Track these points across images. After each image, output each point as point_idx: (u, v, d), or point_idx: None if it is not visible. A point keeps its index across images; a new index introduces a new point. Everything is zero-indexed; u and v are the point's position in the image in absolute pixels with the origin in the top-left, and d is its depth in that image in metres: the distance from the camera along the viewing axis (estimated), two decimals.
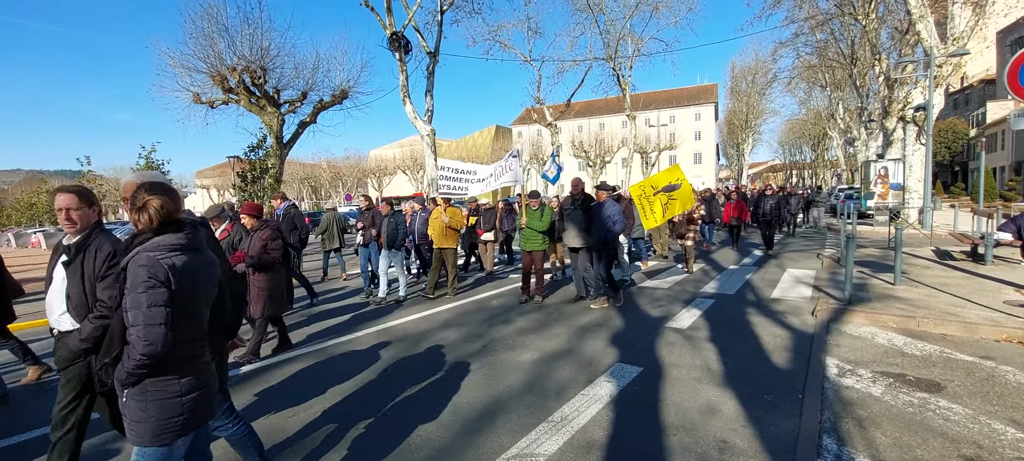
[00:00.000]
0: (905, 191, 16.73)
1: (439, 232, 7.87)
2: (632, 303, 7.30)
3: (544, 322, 6.30)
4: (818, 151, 64.68)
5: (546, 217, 7.28)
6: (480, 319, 6.66)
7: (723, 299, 7.34)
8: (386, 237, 7.69)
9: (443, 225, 7.77)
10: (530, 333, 5.85)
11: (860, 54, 27.03)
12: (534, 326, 6.19)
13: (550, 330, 5.97)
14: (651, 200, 7.36)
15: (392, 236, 7.80)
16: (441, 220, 7.75)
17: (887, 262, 9.65)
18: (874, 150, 32.22)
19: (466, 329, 6.17)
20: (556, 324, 6.30)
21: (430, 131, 17.13)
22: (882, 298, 6.72)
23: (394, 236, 7.78)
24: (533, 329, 6.01)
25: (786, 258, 11.32)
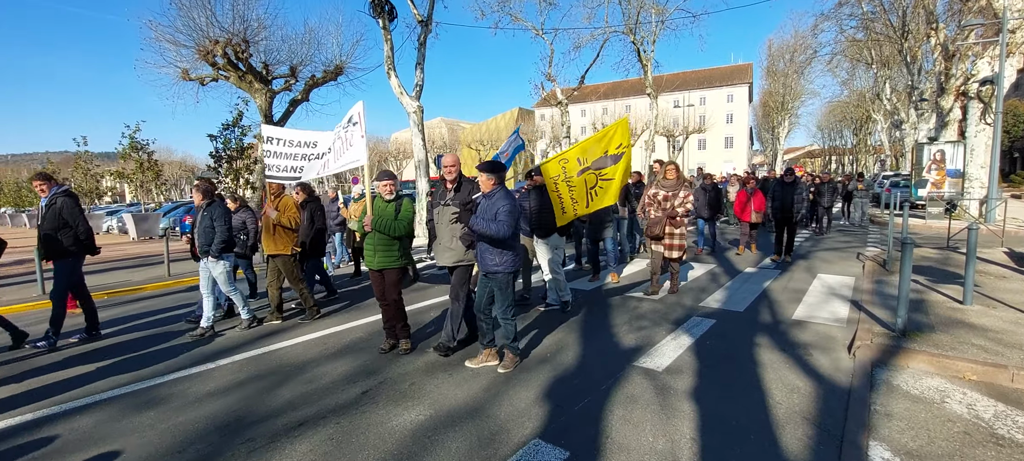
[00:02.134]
0: (965, 178, 14.30)
1: (267, 232, 5.91)
2: (602, 321, 5.59)
3: (466, 355, 4.65)
4: (860, 136, 60.40)
5: (404, 215, 4.53)
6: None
7: (727, 319, 5.55)
8: (198, 240, 5.47)
9: (270, 222, 5.84)
10: (437, 373, 4.21)
11: (912, 26, 24.16)
12: (448, 363, 4.56)
13: (464, 372, 4.30)
14: (572, 182, 5.21)
15: (204, 238, 5.41)
16: (268, 215, 5.81)
17: (949, 268, 7.62)
18: (924, 133, 29.08)
19: (358, 362, 4.58)
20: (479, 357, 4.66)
21: (417, 108, 15.54)
22: (950, 326, 4.83)
23: (207, 239, 5.38)
24: (444, 367, 4.38)
25: (818, 259, 9.33)
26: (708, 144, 63.18)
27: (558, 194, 5.18)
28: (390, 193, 4.55)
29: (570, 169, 5.12)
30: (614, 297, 6.67)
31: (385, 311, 4.74)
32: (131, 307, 7.34)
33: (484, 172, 4.05)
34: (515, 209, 3.97)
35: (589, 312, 5.97)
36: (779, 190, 8.89)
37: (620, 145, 5.10)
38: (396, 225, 4.49)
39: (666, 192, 6.29)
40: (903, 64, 27.21)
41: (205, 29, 16.91)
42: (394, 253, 4.58)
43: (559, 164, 5.21)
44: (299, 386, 4.05)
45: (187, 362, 4.76)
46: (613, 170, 5.14)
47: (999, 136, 12.91)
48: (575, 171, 5.10)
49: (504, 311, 4.15)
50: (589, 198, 5.24)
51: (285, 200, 5.90)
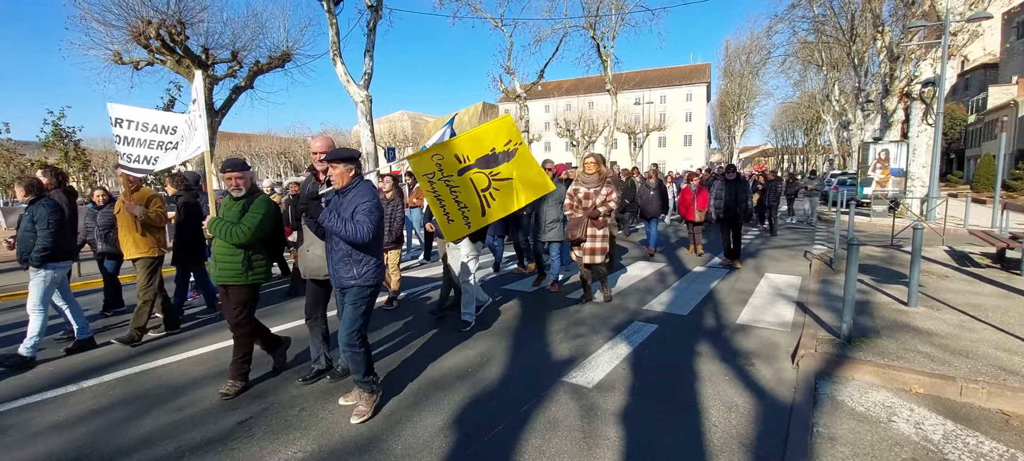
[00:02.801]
0: (907, 178, 14.67)
1: (126, 231, 4.99)
2: (538, 329, 5.14)
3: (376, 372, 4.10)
4: (811, 136, 62.68)
5: (251, 217, 3.55)
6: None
7: (669, 324, 5.19)
8: (17, 247, 4.41)
9: (130, 221, 4.94)
10: (334, 397, 3.63)
11: (860, 29, 24.93)
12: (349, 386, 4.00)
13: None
14: (453, 183, 4.07)
15: (22, 246, 4.34)
16: (130, 211, 4.89)
17: (893, 267, 7.56)
18: (870, 133, 30.17)
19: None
20: (390, 373, 4.12)
21: (366, 97, 14.73)
22: (895, 330, 4.60)
23: (25, 246, 4.31)
24: (345, 390, 3.81)
25: (766, 257, 9.19)
26: (668, 142, 64.15)
27: (438, 196, 4.10)
28: (237, 188, 3.62)
29: (448, 167, 4.08)
30: (555, 300, 6.24)
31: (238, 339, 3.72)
32: (6, 316, 6.41)
33: (336, 162, 3.14)
34: (377, 208, 3.13)
35: (525, 318, 5.51)
36: (722, 188, 8.16)
37: (510, 141, 4.19)
38: (236, 230, 3.47)
39: (587, 189, 5.54)
40: (851, 66, 28.07)
41: (137, 8, 15.57)
42: (236, 265, 3.55)
43: (432, 160, 4.10)
44: (167, 414, 3.41)
45: (46, 383, 4.02)
46: (509, 168, 4.20)
47: (940, 136, 13.25)
48: (454, 169, 4.08)
49: (350, 337, 3.17)
50: (483, 203, 4.19)
51: (145, 192, 5.09)
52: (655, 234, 9.67)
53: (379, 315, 5.69)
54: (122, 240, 5.03)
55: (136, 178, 4.86)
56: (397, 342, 4.73)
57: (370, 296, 3.26)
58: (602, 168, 5.56)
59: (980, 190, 27.29)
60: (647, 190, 9.67)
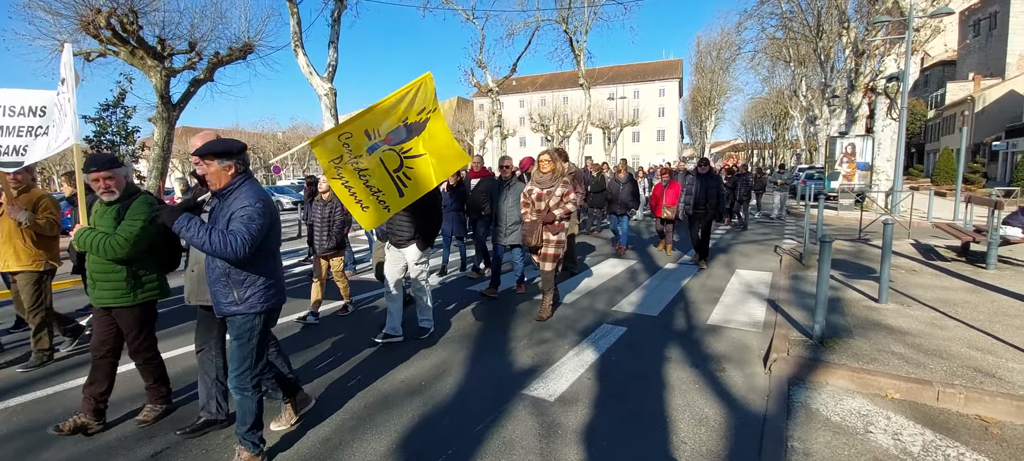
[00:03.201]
0: (873, 171, 14.89)
1: (6, 239, 4.16)
2: (500, 335, 4.84)
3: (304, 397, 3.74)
4: (779, 131, 64.03)
5: (130, 224, 2.94)
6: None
7: (639, 326, 4.96)
8: None
9: (14, 227, 4.13)
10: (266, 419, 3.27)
11: (826, 26, 25.41)
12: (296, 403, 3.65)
13: (310, 416, 3.42)
14: (361, 166, 3.49)
15: None
16: (12, 217, 4.07)
17: (862, 261, 7.53)
18: (836, 128, 30.81)
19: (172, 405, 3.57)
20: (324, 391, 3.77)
21: (330, 90, 14.18)
22: (868, 329, 4.47)
23: None
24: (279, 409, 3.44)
25: (737, 253, 9.10)
26: (641, 137, 64.65)
27: (346, 184, 3.45)
28: (108, 191, 2.92)
29: (357, 146, 3.39)
30: (522, 303, 5.95)
31: (97, 370, 3.07)
32: None
33: (208, 157, 2.49)
34: (261, 214, 2.45)
35: (489, 323, 5.20)
36: (693, 183, 7.67)
37: (424, 110, 3.55)
38: (111, 243, 2.84)
39: (541, 189, 4.95)
40: (817, 63, 28.59)
41: None
42: (119, 283, 2.95)
43: (340, 141, 3.35)
44: (75, 443, 2.99)
45: None
46: (419, 143, 3.63)
47: (904, 131, 13.45)
48: (363, 147, 3.42)
49: (239, 379, 2.59)
50: (398, 184, 3.62)
51: (35, 193, 4.24)
52: (625, 231, 9.32)
53: (329, 324, 5.31)
54: (2, 250, 4.19)
55: (20, 177, 4.06)
56: (344, 354, 4.37)
57: (261, 327, 2.61)
58: (557, 165, 4.99)
59: (940, 183, 28.18)
60: (616, 185, 9.27)
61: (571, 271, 7.32)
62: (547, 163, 4.94)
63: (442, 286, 6.91)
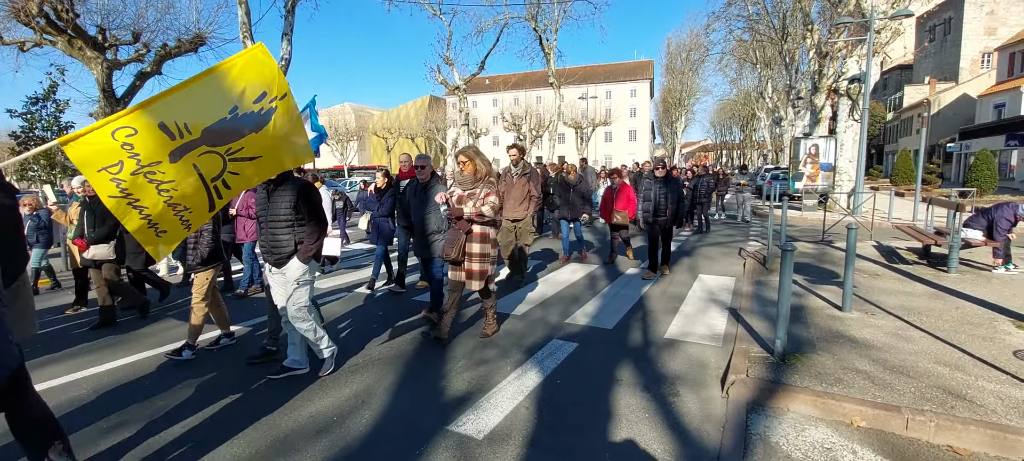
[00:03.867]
0: (836, 172, 14.98)
1: None
2: (438, 354, 4.37)
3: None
4: (747, 132, 65.28)
5: None
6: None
7: (591, 341, 4.56)
8: None
9: None
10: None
11: (791, 28, 25.80)
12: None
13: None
14: (161, 179, 2.57)
15: None
16: None
17: (825, 265, 7.33)
18: (800, 129, 31.37)
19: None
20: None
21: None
22: (831, 342, 4.17)
23: None
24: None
25: (701, 256, 8.84)
26: (614, 137, 64.98)
27: (132, 201, 2.56)
28: None
29: (151, 149, 2.46)
30: (469, 312, 5.49)
31: None
32: None
33: None
34: None
35: (427, 339, 4.72)
36: (651, 187, 6.94)
37: (265, 95, 2.65)
38: None
39: (462, 192, 4.29)
40: (783, 65, 29.04)
41: None
42: None
43: (115, 140, 2.40)
44: None
45: None
46: (251, 142, 2.72)
47: (866, 132, 13.53)
48: (162, 152, 2.49)
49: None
50: (212, 195, 2.81)
51: None
52: (578, 236, 8.31)
53: (217, 356, 4.74)
54: None
55: None
56: (248, 380, 3.83)
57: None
58: (478, 165, 4.23)
59: (899, 183, 28.94)
60: (565, 187, 8.22)
61: (518, 283, 6.70)
62: (466, 163, 4.23)
63: (373, 298, 6.40)
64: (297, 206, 3.49)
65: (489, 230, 4.27)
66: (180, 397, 3.52)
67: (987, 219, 6.62)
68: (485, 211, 4.14)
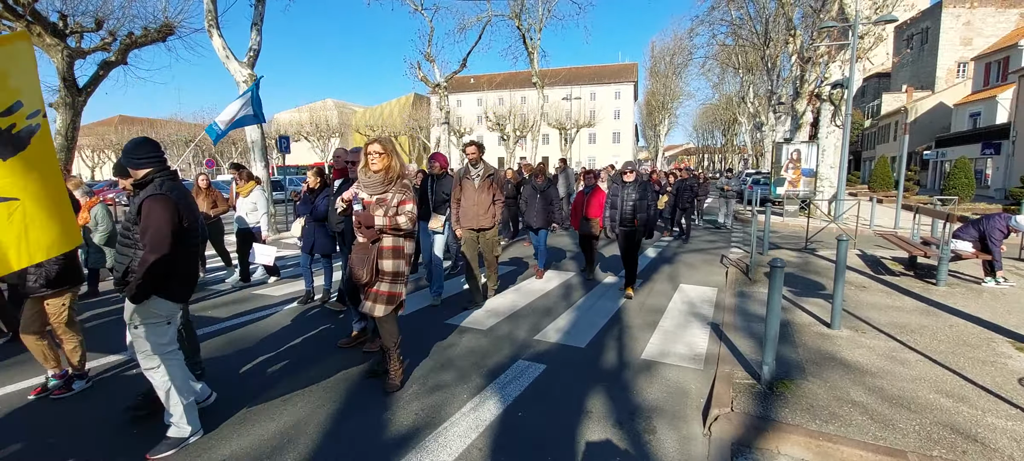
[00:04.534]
0: (817, 178, 14.84)
1: None
2: (379, 382, 3.89)
3: None
4: (728, 136, 65.82)
5: None
6: None
7: (561, 363, 4.12)
8: None
9: None
10: None
11: (774, 34, 25.84)
12: None
13: None
14: None
15: None
16: None
17: (810, 275, 7.02)
18: (781, 135, 31.55)
19: None
20: None
21: (249, 76, 12.76)
22: (822, 366, 3.80)
23: None
24: None
25: (682, 264, 8.49)
26: (598, 138, 64.97)
27: None
28: None
29: None
30: (431, 326, 5.02)
31: None
32: None
33: None
34: None
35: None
36: (618, 193, 6.04)
37: (14, 108, 1.96)
38: None
39: (369, 196, 3.40)
40: (764, 70, 29.11)
41: None
42: None
43: None
44: None
45: None
46: (8, 178, 1.98)
47: (848, 137, 13.39)
48: None
49: None
50: None
51: None
52: (543, 249, 7.19)
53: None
54: None
55: None
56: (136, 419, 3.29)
57: None
58: (392, 162, 3.32)
59: (876, 189, 29.21)
60: (531, 192, 7.17)
61: (476, 303, 5.68)
62: (378, 158, 3.30)
63: (311, 314, 5.88)
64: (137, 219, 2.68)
65: (403, 243, 3.41)
66: (50, 442, 2.99)
67: (978, 230, 6.37)
68: (401, 222, 3.29)
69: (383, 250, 3.36)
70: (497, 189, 5.59)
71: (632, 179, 6.03)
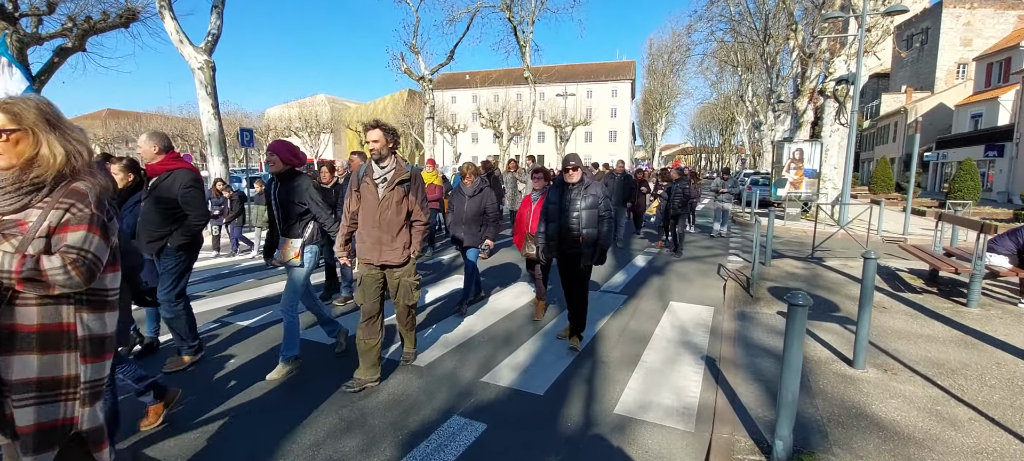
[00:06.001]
0: (820, 179, 13.94)
1: None
2: (273, 439, 2.94)
3: None
4: (726, 136, 65.03)
5: None
6: None
7: (508, 419, 3.17)
8: None
9: None
10: None
11: (774, 31, 25.00)
12: None
13: None
14: None
15: None
16: None
17: (820, 291, 6.08)
18: (780, 134, 30.68)
19: None
20: None
21: (206, 63, 11.73)
22: (850, 428, 2.87)
23: None
24: None
25: (673, 274, 7.55)
26: (594, 137, 64.08)
27: None
28: None
29: None
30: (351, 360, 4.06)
31: None
32: None
33: None
34: None
35: (274, 404, 3.28)
36: (555, 200, 4.25)
37: None
38: None
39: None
40: (764, 68, 28.26)
41: None
42: None
43: None
44: None
45: None
46: None
47: (854, 136, 12.50)
48: None
49: None
50: None
51: None
52: (471, 274, 5.38)
53: None
54: None
55: None
56: None
57: None
58: (42, 142, 1.50)
59: (877, 191, 28.40)
60: (460, 197, 5.32)
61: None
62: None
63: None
64: None
65: (73, 316, 1.53)
66: None
67: (1015, 243, 5.46)
68: (48, 271, 1.41)
69: (10, 333, 1.45)
70: (416, 203, 3.57)
71: (577, 179, 4.17)
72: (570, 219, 4.14)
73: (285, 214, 3.66)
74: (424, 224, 3.62)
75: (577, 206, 4.13)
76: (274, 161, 3.58)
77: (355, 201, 3.52)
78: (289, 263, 3.66)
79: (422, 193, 3.61)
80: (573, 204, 4.14)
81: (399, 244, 3.48)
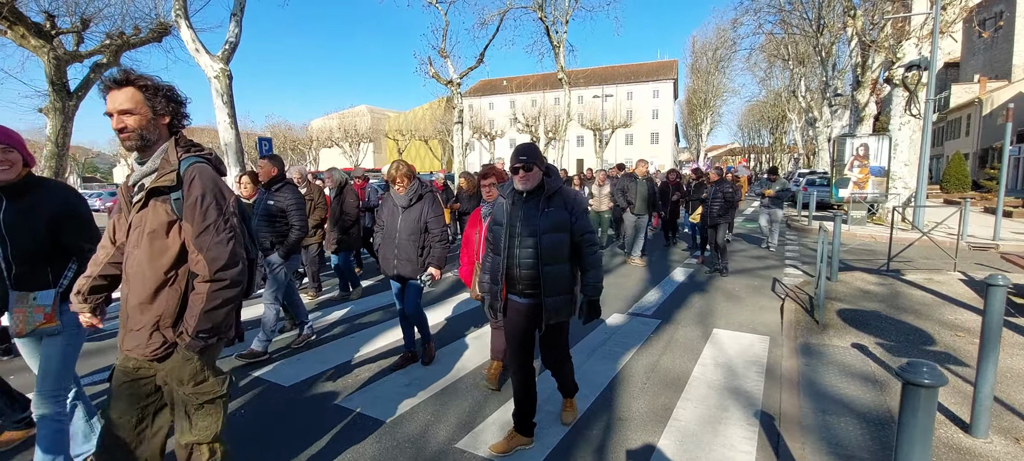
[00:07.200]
0: (889, 177, 12.32)
1: None
2: None
3: None
4: (776, 135, 61.73)
5: None
6: None
7: None
8: None
9: None
10: None
11: (828, 20, 23.18)
12: None
13: None
14: None
15: None
16: None
17: (904, 316, 4.87)
18: (837, 130, 28.39)
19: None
20: None
21: (222, 71, 11.50)
22: None
23: None
24: None
25: (719, 292, 6.45)
26: (635, 139, 62.28)
27: None
28: None
29: None
30: (305, 410, 3.30)
31: None
32: None
33: None
34: None
35: None
36: (502, 217, 2.73)
37: None
38: None
39: None
40: (818, 60, 26.30)
41: None
42: None
43: None
44: None
45: None
46: None
47: (929, 129, 10.91)
48: None
49: None
50: None
51: None
52: (412, 314, 3.93)
53: None
54: None
55: None
56: None
57: None
58: None
59: (950, 190, 25.75)
60: (391, 208, 3.89)
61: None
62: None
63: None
64: None
65: None
66: None
67: None
68: None
69: None
70: (214, 220, 1.90)
71: (533, 186, 2.62)
72: (519, 251, 2.63)
73: None
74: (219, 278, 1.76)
75: (533, 228, 2.60)
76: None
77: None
78: None
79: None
80: (526, 226, 2.62)
81: (148, 318, 1.75)
